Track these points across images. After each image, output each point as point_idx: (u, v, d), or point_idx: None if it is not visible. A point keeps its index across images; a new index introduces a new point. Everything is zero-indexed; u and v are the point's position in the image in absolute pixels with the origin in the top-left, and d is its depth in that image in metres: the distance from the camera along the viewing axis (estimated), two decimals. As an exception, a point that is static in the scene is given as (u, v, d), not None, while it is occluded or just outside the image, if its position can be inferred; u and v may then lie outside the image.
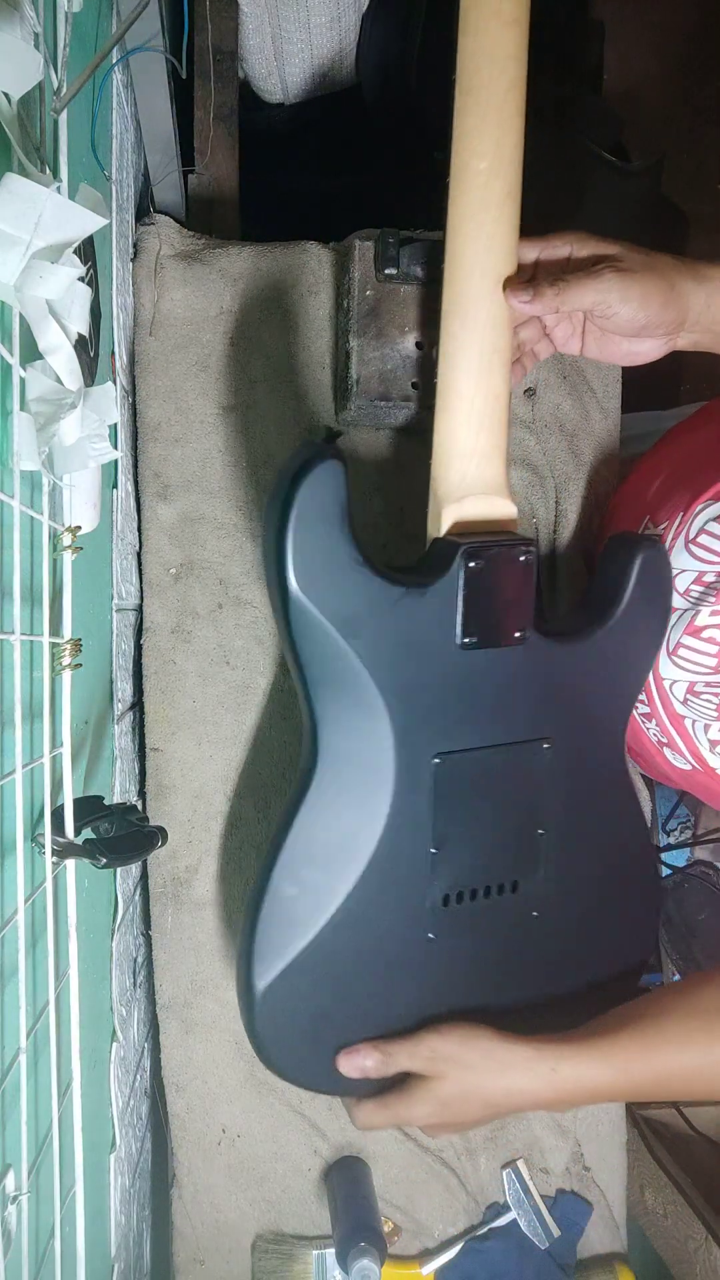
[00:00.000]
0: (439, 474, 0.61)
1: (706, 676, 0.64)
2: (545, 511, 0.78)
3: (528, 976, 0.68)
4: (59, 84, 0.46)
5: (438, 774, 0.61)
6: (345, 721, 0.59)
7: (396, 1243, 0.80)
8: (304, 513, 0.54)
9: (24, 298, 0.39)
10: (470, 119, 0.56)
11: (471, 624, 0.59)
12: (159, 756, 0.76)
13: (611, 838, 0.68)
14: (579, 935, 0.69)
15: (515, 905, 0.66)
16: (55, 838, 0.47)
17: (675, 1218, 0.89)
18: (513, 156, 0.57)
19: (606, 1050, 0.60)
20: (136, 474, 0.75)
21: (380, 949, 0.62)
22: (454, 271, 0.58)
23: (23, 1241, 0.43)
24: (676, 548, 0.65)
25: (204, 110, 0.83)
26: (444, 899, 0.63)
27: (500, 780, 0.63)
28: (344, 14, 0.96)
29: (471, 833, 0.63)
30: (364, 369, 0.68)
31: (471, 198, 0.57)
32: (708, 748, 0.67)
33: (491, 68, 0.55)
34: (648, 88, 1.63)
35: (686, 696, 0.66)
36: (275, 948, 0.61)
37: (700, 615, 0.63)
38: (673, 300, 0.58)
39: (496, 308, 0.58)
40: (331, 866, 0.61)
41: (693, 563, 0.64)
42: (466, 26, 0.55)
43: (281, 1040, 0.62)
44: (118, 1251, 0.70)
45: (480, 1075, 0.61)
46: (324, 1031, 0.63)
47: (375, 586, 0.57)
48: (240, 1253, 0.79)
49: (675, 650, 0.65)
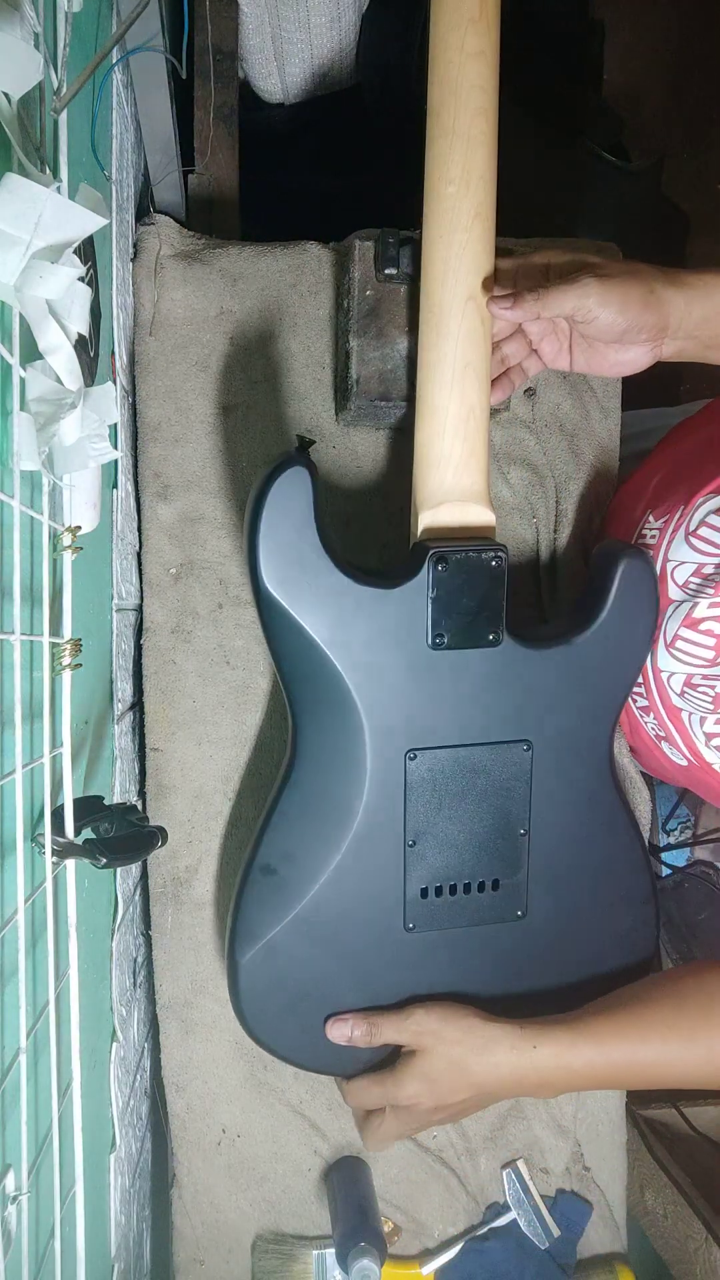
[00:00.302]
0: (417, 481, 0.64)
1: (704, 669, 0.64)
2: (545, 511, 0.78)
3: (514, 975, 0.70)
4: (59, 84, 0.46)
5: (410, 770, 0.64)
6: (321, 715, 0.63)
7: (396, 1243, 0.80)
8: (272, 516, 0.58)
9: (24, 298, 0.39)
10: (438, 145, 0.60)
11: (441, 625, 0.62)
12: (159, 756, 0.76)
13: (599, 844, 0.69)
14: (569, 938, 0.70)
15: (497, 904, 0.68)
16: (55, 838, 0.47)
17: (675, 1218, 0.89)
18: (481, 178, 0.60)
19: (587, 1032, 0.62)
20: (136, 474, 0.75)
21: (358, 935, 0.66)
22: (428, 287, 0.61)
23: (23, 1241, 0.43)
24: (676, 540, 0.65)
25: (204, 110, 0.83)
26: (422, 892, 0.66)
27: (477, 780, 0.66)
28: (344, 14, 0.96)
29: (447, 829, 0.66)
30: (364, 369, 0.68)
31: (441, 219, 0.60)
32: (703, 741, 0.68)
33: (457, 96, 0.59)
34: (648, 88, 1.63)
35: (684, 689, 0.67)
36: (256, 924, 0.66)
37: (699, 607, 0.63)
38: (652, 304, 0.58)
39: (469, 322, 0.61)
40: (309, 852, 0.65)
41: (693, 555, 0.64)
42: (434, 58, 0.60)
43: (262, 1010, 0.67)
44: (118, 1251, 0.70)
45: (463, 1050, 0.63)
46: (304, 1006, 0.67)
47: (345, 586, 0.61)
48: (240, 1253, 0.79)
49: (673, 643, 0.66)
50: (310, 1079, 0.78)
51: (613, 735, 0.68)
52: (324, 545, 0.60)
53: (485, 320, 0.61)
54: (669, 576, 0.66)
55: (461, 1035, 0.63)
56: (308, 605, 0.60)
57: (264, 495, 0.58)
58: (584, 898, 0.70)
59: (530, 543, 0.78)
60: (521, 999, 0.69)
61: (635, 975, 0.71)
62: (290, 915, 0.65)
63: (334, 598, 0.61)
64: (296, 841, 0.65)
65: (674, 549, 0.65)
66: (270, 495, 0.58)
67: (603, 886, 0.70)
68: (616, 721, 0.68)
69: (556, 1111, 0.81)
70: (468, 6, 0.58)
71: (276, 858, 0.65)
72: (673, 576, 0.66)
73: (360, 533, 0.76)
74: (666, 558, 0.66)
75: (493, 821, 0.67)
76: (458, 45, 0.59)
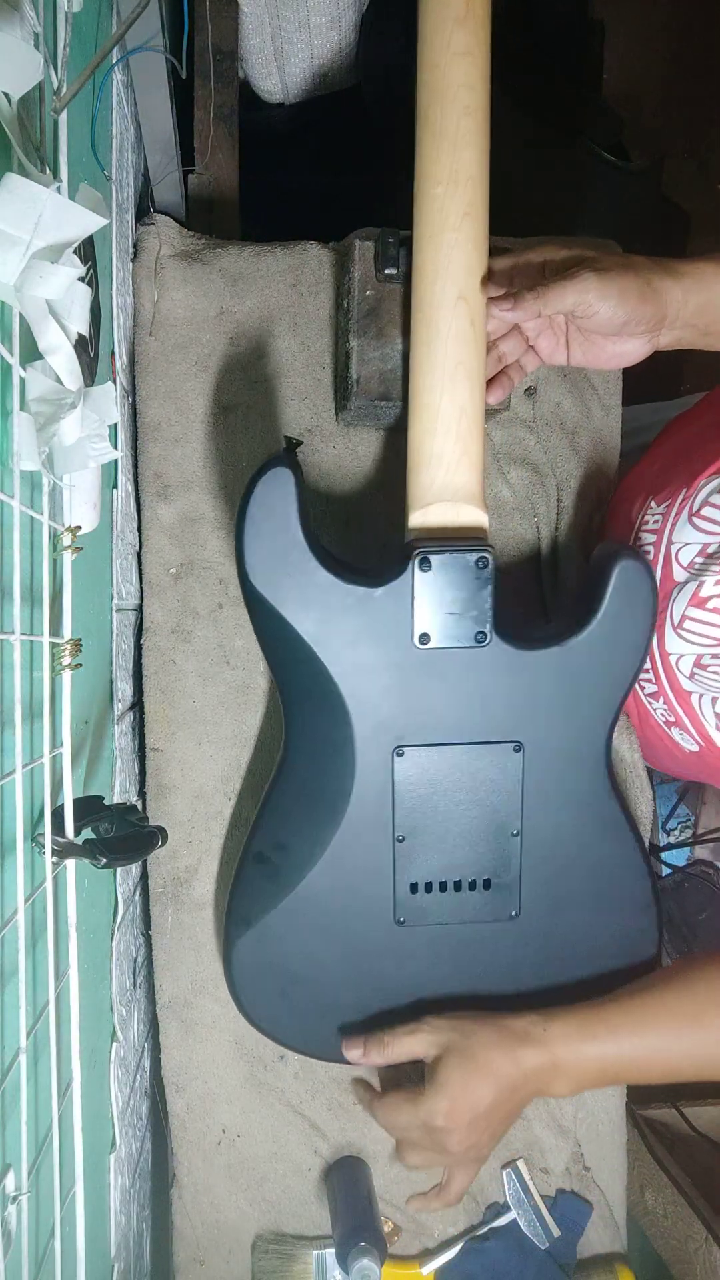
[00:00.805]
0: (409, 480, 0.64)
1: (713, 648, 0.64)
2: (547, 510, 0.78)
3: (507, 976, 0.70)
4: (59, 84, 0.46)
5: (398, 766, 0.65)
6: (311, 709, 0.64)
7: (396, 1243, 0.80)
8: (256, 516, 0.60)
9: (24, 298, 0.39)
10: (426, 146, 0.60)
11: (426, 624, 0.63)
12: (159, 756, 0.76)
13: (596, 848, 0.69)
14: (565, 941, 0.70)
15: (489, 903, 0.68)
16: (55, 838, 0.47)
17: (675, 1218, 0.89)
18: (470, 178, 0.60)
19: (600, 1017, 0.63)
20: (136, 474, 0.75)
21: (348, 925, 0.67)
22: (419, 287, 0.62)
23: (23, 1241, 0.43)
24: (680, 523, 0.65)
25: (204, 110, 0.84)
26: (412, 887, 0.67)
27: (466, 779, 0.66)
28: (344, 14, 0.96)
29: (437, 827, 0.67)
30: (364, 369, 0.68)
31: (431, 219, 0.61)
32: (714, 725, 0.67)
33: (444, 96, 0.59)
34: (648, 88, 1.63)
35: (694, 670, 0.66)
36: (250, 909, 0.67)
37: (705, 585, 0.63)
38: (650, 295, 0.59)
39: (460, 322, 0.61)
40: (300, 841, 0.66)
41: (697, 535, 0.64)
42: (422, 58, 0.60)
43: (256, 993, 0.69)
44: (118, 1251, 0.70)
45: (479, 1043, 0.63)
46: (296, 991, 0.69)
47: (330, 584, 0.61)
48: (240, 1253, 0.79)
49: (680, 624, 0.65)
50: (310, 1079, 0.78)
51: (609, 739, 0.68)
52: (309, 544, 0.61)
53: (477, 320, 0.61)
54: (674, 559, 0.66)
55: (475, 1027, 0.64)
56: (294, 602, 0.61)
57: (249, 495, 0.60)
58: (580, 901, 0.69)
59: (532, 542, 0.78)
60: (516, 1000, 0.69)
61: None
62: (281, 902, 0.66)
63: (319, 595, 0.61)
64: (288, 831, 0.66)
65: (678, 531, 0.66)
66: (255, 495, 0.60)
67: (600, 891, 0.70)
68: (613, 725, 0.67)
69: (556, 1111, 0.81)
70: (454, 6, 0.58)
71: (269, 847, 0.67)
72: (677, 559, 0.66)
73: (361, 532, 0.76)
74: (670, 540, 0.66)
75: (483, 821, 0.67)
76: (444, 45, 0.59)
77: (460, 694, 0.64)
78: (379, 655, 0.63)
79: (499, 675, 0.64)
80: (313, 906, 0.67)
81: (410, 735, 0.65)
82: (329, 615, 0.62)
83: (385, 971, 0.68)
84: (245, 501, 0.60)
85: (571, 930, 0.70)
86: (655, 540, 0.68)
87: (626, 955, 0.71)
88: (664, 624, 0.67)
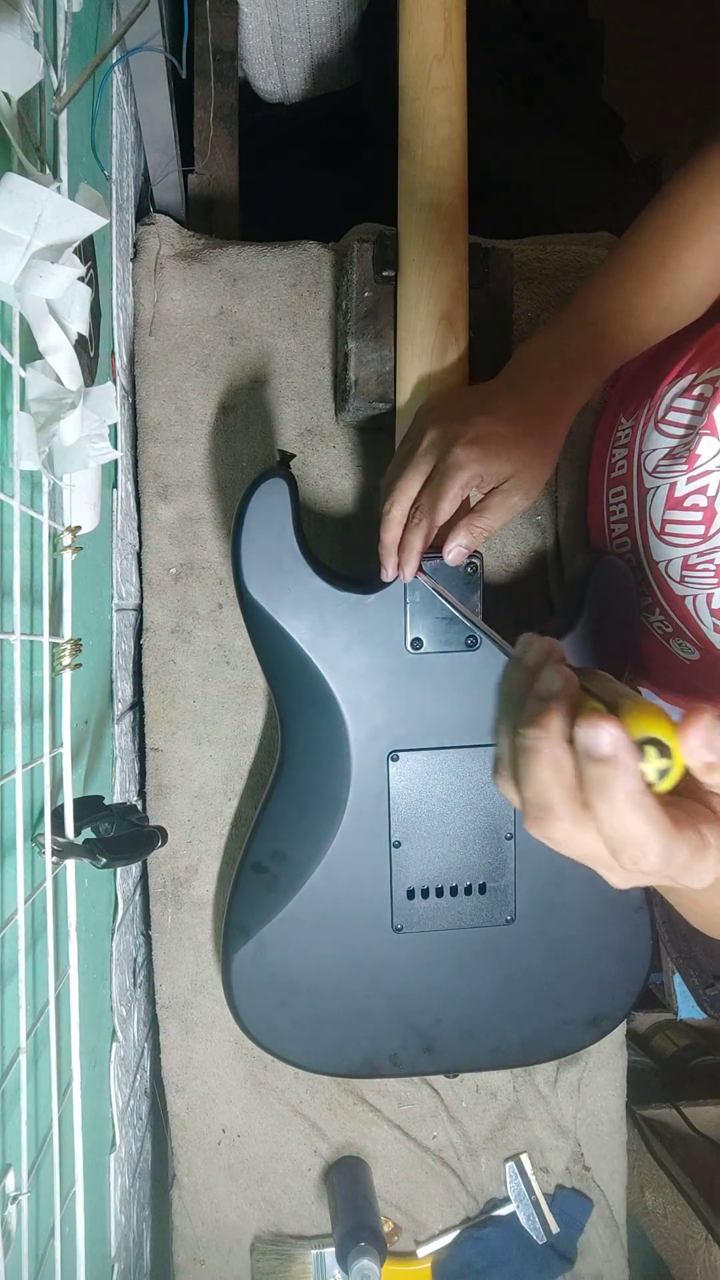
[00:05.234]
0: None
1: (698, 546, 0.64)
2: (547, 509, 0.78)
3: (505, 980, 0.70)
4: (59, 84, 0.46)
5: (392, 771, 0.66)
6: (307, 715, 0.65)
7: (396, 1242, 0.80)
8: (253, 525, 0.62)
9: (24, 298, 0.39)
10: (407, 175, 0.63)
11: (417, 629, 0.64)
12: (159, 756, 0.76)
13: None
14: (561, 945, 0.70)
15: (485, 908, 0.69)
16: (55, 838, 0.47)
17: (675, 1218, 0.89)
18: (451, 207, 0.63)
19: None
20: (136, 474, 0.75)
21: (347, 933, 0.67)
22: (403, 308, 0.64)
23: (23, 1241, 0.43)
24: (648, 432, 0.66)
25: (204, 110, 0.83)
26: (408, 893, 0.68)
27: (460, 783, 0.67)
28: (344, 14, 0.96)
29: (432, 831, 0.67)
30: (362, 370, 0.68)
31: (414, 244, 0.63)
32: (711, 629, 0.67)
33: (425, 127, 0.62)
34: (648, 88, 1.63)
35: (682, 573, 0.66)
36: (247, 919, 0.68)
37: (678, 486, 0.64)
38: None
39: (441, 339, 0.63)
40: (297, 849, 0.67)
41: (662, 440, 0.65)
42: (403, 94, 0.63)
43: (254, 1005, 0.68)
44: (118, 1251, 0.70)
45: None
46: (295, 1002, 0.68)
47: (324, 591, 0.63)
48: (240, 1253, 0.79)
49: (662, 530, 0.66)
50: (310, 1079, 0.78)
51: None
52: (303, 552, 0.63)
53: (459, 340, 0.63)
54: (642, 468, 0.67)
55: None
56: (289, 609, 0.63)
57: (245, 506, 0.62)
58: (575, 904, 0.70)
59: (534, 543, 0.78)
60: (514, 1003, 0.69)
61: (631, 984, 0.71)
62: (280, 912, 0.67)
63: (314, 602, 0.63)
64: (285, 839, 0.67)
65: (646, 440, 0.66)
66: (251, 506, 0.62)
67: (595, 893, 0.70)
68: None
69: (557, 1111, 0.81)
70: (433, 45, 0.61)
71: (266, 855, 0.67)
72: (644, 466, 0.66)
73: (361, 534, 0.76)
74: (640, 450, 0.67)
75: (477, 825, 0.67)
76: (424, 81, 0.62)
77: (453, 698, 0.65)
78: (373, 661, 0.64)
79: (490, 679, 0.65)
80: (311, 915, 0.67)
81: (404, 739, 0.65)
82: (323, 621, 0.63)
83: (383, 979, 0.69)
84: (241, 512, 0.62)
85: (566, 935, 0.70)
86: (627, 455, 0.69)
87: (621, 957, 0.71)
88: (647, 532, 0.67)
